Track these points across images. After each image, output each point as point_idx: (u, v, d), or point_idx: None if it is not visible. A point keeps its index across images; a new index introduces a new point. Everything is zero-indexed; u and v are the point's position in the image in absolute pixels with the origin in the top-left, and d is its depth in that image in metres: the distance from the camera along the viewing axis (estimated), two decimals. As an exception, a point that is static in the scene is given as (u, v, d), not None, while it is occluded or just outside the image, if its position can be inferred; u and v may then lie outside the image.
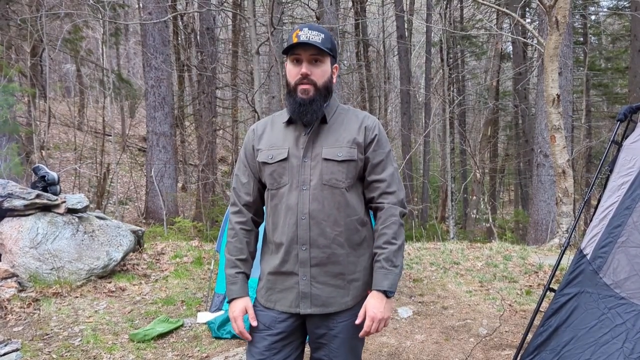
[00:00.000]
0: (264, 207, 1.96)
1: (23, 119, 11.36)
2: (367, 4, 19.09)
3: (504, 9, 9.81)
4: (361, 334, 1.77)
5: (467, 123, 21.34)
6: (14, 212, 5.05)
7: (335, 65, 1.87)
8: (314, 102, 1.77)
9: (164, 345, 3.76)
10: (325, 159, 1.78)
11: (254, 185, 1.92)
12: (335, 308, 1.80)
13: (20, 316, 4.15)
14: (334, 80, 1.87)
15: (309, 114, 1.77)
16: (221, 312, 4.16)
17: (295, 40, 1.73)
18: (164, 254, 6.35)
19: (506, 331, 4.00)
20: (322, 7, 11.23)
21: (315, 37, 1.73)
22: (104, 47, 14.11)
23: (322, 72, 1.79)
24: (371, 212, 1.93)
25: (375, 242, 1.82)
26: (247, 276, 1.90)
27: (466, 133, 18.15)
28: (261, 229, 2.00)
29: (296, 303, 1.80)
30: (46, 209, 5.22)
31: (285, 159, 1.80)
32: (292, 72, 1.78)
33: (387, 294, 1.75)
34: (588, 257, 2.54)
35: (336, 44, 1.88)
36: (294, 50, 1.76)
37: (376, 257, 1.79)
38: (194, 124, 16.85)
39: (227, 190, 12.77)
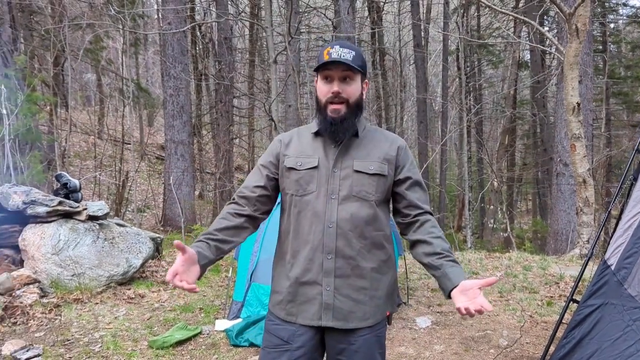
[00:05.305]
0: (265, 216, 1.89)
1: (45, 128, 11.58)
2: (383, 13, 19.14)
3: (523, 17, 9.75)
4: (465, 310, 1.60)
5: (484, 132, 21.19)
6: (36, 219, 5.14)
7: (366, 81, 1.86)
8: (345, 120, 1.76)
9: (182, 352, 3.78)
10: (357, 171, 1.77)
11: (262, 185, 1.85)
12: (355, 324, 1.76)
13: (41, 322, 4.21)
14: (364, 97, 1.86)
15: (341, 132, 1.77)
16: (239, 320, 4.18)
17: (326, 57, 1.72)
18: (182, 261, 6.38)
19: (527, 343, 3.94)
20: (339, 17, 11.31)
21: (347, 55, 1.72)
22: (123, 56, 14.37)
23: (353, 90, 1.78)
24: (393, 230, 1.90)
25: (431, 246, 1.74)
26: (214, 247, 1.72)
27: (483, 142, 18.01)
28: (275, 240, 1.94)
29: (318, 315, 1.75)
30: (68, 215, 5.30)
31: (315, 167, 1.78)
32: (323, 89, 1.77)
33: None
34: (612, 267, 2.50)
35: (366, 60, 1.86)
36: (325, 68, 1.75)
37: (440, 257, 1.70)
38: (211, 133, 17.01)
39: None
